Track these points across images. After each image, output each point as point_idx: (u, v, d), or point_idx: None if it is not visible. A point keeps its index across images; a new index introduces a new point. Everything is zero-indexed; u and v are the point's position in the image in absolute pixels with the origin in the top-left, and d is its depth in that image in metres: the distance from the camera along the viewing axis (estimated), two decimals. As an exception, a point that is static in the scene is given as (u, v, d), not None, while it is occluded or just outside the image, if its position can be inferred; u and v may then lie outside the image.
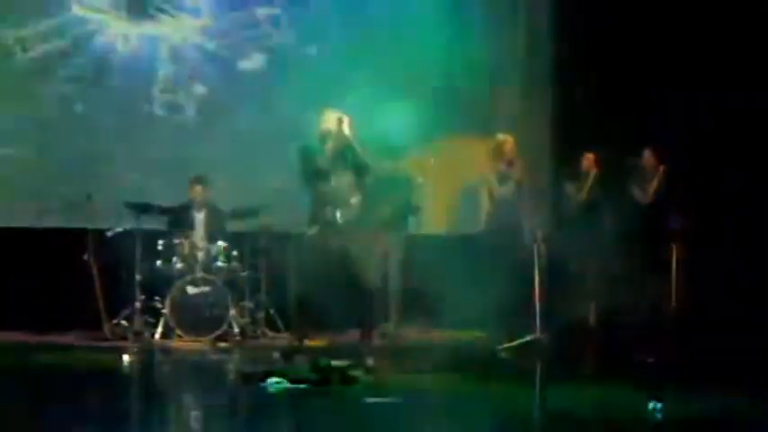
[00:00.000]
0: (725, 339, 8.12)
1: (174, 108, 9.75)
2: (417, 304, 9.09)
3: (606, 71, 9.18)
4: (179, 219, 8.98)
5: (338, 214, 7.37)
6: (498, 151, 8.74)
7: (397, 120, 9.36)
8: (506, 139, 8.76)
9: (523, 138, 9.09)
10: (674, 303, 8.48)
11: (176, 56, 9.76)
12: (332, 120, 7.42)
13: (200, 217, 9.03)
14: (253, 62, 9.80)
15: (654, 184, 8.96)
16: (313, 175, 7.35)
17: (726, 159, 9.08)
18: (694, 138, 9.00)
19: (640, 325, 8.45)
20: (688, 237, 8.69)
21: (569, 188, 9.12)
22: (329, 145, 7.39)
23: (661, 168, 8.93)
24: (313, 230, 7.41)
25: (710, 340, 8.14)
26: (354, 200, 7.39)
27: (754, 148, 9.12)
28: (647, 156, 8.90)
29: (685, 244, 8.69)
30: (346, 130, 7.39)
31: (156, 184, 9.26)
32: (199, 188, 9.00)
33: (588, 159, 9.04)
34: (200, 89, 9.76)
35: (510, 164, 8.71)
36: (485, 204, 8.91)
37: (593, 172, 9.04)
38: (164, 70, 9.73)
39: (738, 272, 8.94)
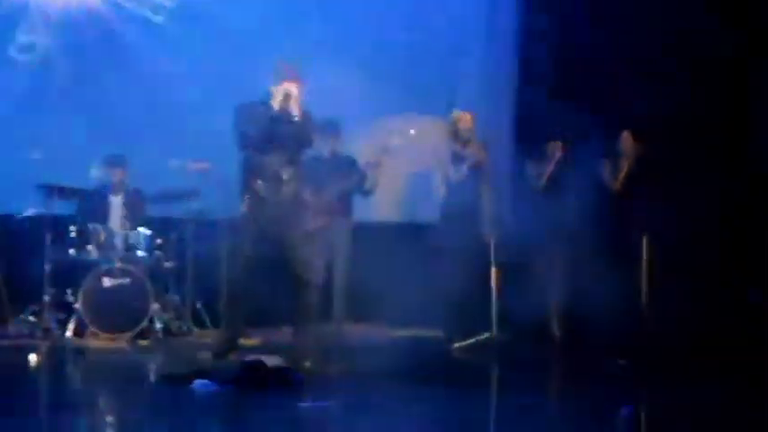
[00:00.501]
0: (699, 339, 8.07)
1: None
2: (365, 299, 8.91)
3: (575, 46, 9.04)
4: (91, 203, 8.73)
5: (269, 188, 6.98)
6: (453, 130, 8.52)
7: (345, 95, 9.22)
8: (462, 116, 8.58)
9: (484, 116, 8.93)
10: (644, 301, 8.29)
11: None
12: (279, 78, 7.04)
13: (116, 201, 8.86)
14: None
15: (625, 169, 8.79)
16: (245, 140, 6.99)
17: (701, 148, 9.03)
18: (668, 124, 8.94)
19: (606, 325, 8.29)
20: (660, 228, 8.56)
21: (531, 170, 8.90)
22: (271, 107, 7.00)
23: (633, 152, 8.77)
24: (244, 207, 7.05)
25: (683, 341, 8.09)
26: (287, 175, 7.02)
27: (730, 138, 9.08)
28: (625, 138, 8.74)
29: (656, 236, 8.54)
30: (293, 92, 7.02)
31: (64, 163, 8.86)
32: (118, 170, 8.75)
33: (553, 143, 8.87)
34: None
35: (466, 144, 8.50)
36: (440, 189, 8.67)
37: (558, 155, 8.84)
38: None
39: (714, 268, 8.87)
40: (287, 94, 7.01)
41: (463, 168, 8.50)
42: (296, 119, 7.05)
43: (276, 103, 7.01)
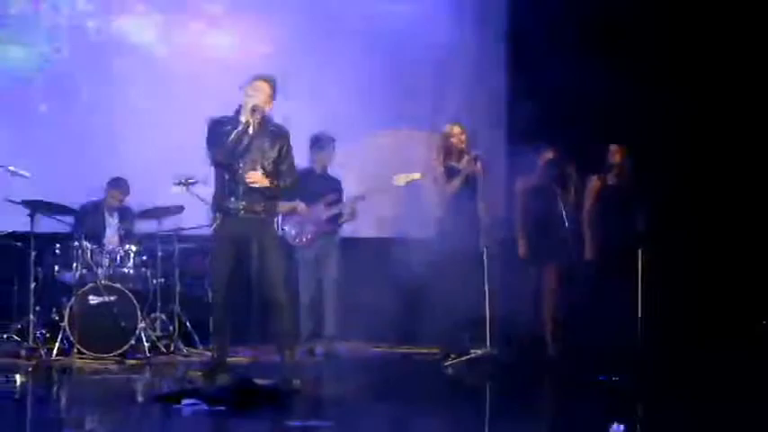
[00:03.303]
0: (695, 353, 8.17)
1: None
2: (356, 316, 8.99)
3: (566, 56, 9.14)
4: (89, 220, 8.77)
5: (240, 204, 7.06)
6: (446, 143, 8.58)
7: (331, 108, 9.33)
8: (454, 129, 8.61)
9: (476, 129, 9.01)
10: (639, 315, 8.38)
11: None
12: (249, 92, 7.12)
13: (112, 220, 8.94)
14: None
15: (612, 182, 8.89)
16: (220, 154, 7.07)
17: (694, 157, 9.13)
18: (662, 134, 9.05)
19: (602, 339, 8.40)
20: (655, 240, 8.67)
21: (523, 184, 8.99)
22: (244, 121, 7.09)
23: (622, 163, 8.86)
24: (215, 224, 7.13)
25: (680, 354, 8.19)
26: (260, 184, 7.08)
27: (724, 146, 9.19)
28: (613, 151, 8.84)
29: (652, 248, 8.64)
30: (265, 102, 7.10)
31: (49, 178, 8.96)
32: (118, 193, 8.90)
33: (545, 154, 8.94)
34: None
35: (459, 157, 8.56)
36: (432, 204, 8.74)
37: (548, 166, 8.92)
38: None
39: (710, 279, 8.99)
40: (254, 108, 7.04)
41: (457, 182, 8.56)
42: (269, 132, 7.15)
43: (245, 117, 7.06)
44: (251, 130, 7.08)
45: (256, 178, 7.03)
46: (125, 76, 9.66)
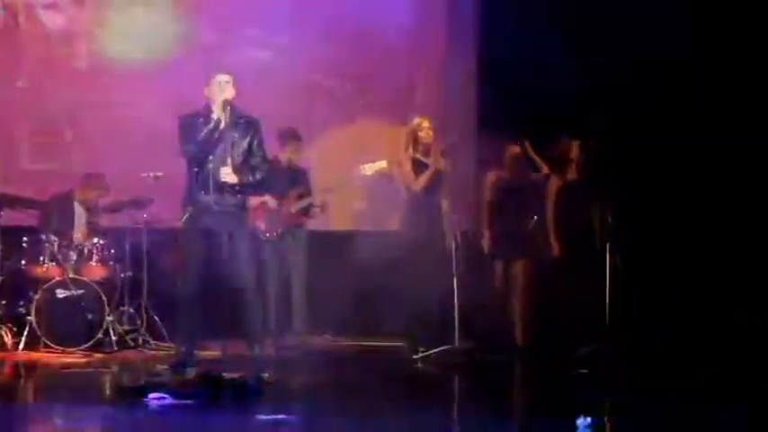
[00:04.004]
0: (665, 349, 8.25)
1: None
2: (325, 310, 9.01)
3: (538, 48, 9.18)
4: (57, 213, 8.72)
5: (211, 199, 7.07)
6: (413, 136, 8.60)
7: (302, 103, 9.35)
8: (421, 122, 8.64)
9: (445, 122, 9.04)
10: (607, 311, 8.44)
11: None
12: (219, 87, 7.13)
13: (80, 212, 8.88)
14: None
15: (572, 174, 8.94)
16: (192, 151, 7.08)
17: (664, 149, 9.18)
18: (633, 125, 9.10)
19: (571, 334, 8.46)
20: (622, 236, 8.72)
21: (492, 178, 9.03)
22: (213, 117, 7.10)
23: (580, 159, 8.89)
24: (185, 217, 7.15)
25: (650, 351, 8.25)
26: (230, 183, 7.10)
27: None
28: (565, 143, 8.88)
29: (619, 244, 8.69)
30: (229, 94, 7.12)
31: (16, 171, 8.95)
32: (94, 189, 8.87)
33: (509, 147, 8.97)
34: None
35: (426, 151, 8.58)
36: (401, 197, 8.76)
37: (517, 161, 8.97)
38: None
39: (681, 276, 9.05)
40: (226, 102, 7.09)
41: (425, 177, 8.59)
42: (239, 126, 7.16)
43: (217, 113, 7.08)
44: (222, 125, 7.11)
45: (227, 174, 7.05)
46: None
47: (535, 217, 8.70)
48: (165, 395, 6.16)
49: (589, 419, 5.63)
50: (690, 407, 6.29)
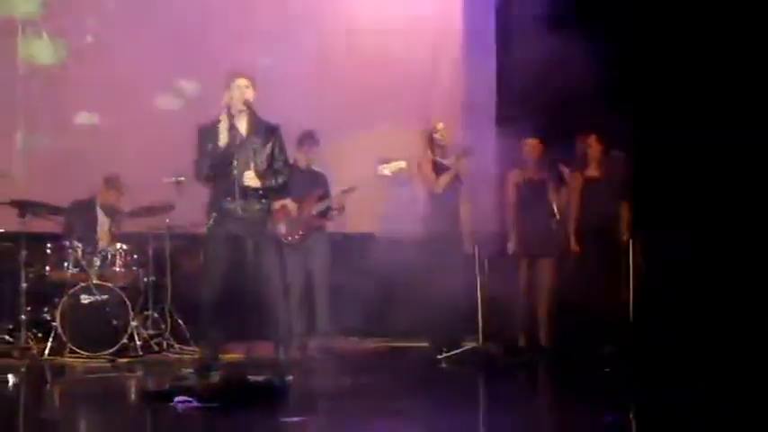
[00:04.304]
0: (690, 344, 8.22)
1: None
2: (347, 311, 9.03)
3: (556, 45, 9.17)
4: (80, 219, 8.78)
5: (236, 205, 7.09)
6: (431, 139, 8.63)
7: (323, 106, 9.36)
8: (438, 124, 8.68)
9: (463, 122, 9.05)
10: (631, 307, 8.42)
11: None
12: (238, 91, 7.15)
13: (103, 218, 8.88)
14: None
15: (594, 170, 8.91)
16: (212, 159, 7.10)
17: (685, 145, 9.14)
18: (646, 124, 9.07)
19: (594, 330, 8.46)
20: (643, 232, 8.70)
21: (512, 177, 9.03)
22: (233, 125, 7.13)
23: (601, 155, 8.86)
24: (210, 223, 7.17)
25: (673, 345, 8.23)
26: (254, 189, 7.12)
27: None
28: (591, 143, 8.86)
29: (641, 240, 8.67)
30: (248, 98, 7.13)
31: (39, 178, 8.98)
32: (115, 192, 8.91)
33: (530, 145, 8.96)
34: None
35: (444, 152, 8.61)
36: (421, 200, 8.78)
37: (538, 159, 8.96)
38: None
39: (702, 269, 9.01)
40: (246, 105, 7.11)
41: (446, 179, 8.61)
42: (260, 130, 7.18)
43: (236, 117, 7.11)
44: (243, 130, 7.14)
45: (250, 179, 7.07)
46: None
47: (557, 215, 8.67)
48: (191, 399, 6.15)
49: (615, 418, 5.65)
50: (712, 405, 6.25)
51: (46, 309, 8.53)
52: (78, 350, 8.26)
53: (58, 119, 9.57)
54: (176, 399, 6.17)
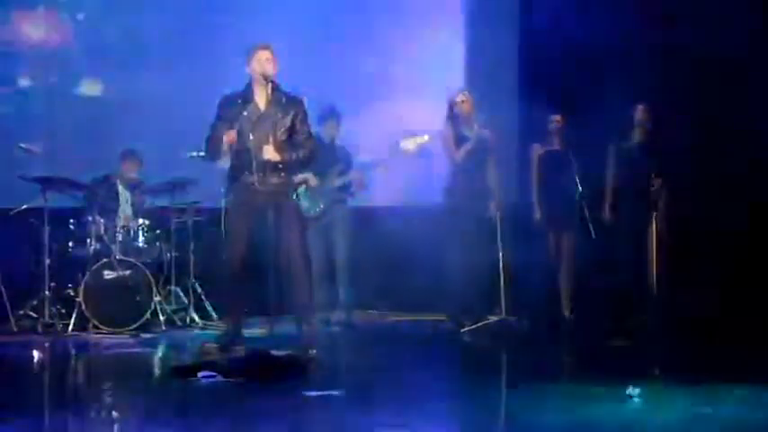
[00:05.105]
0: (711, 323, 8.19)
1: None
2: (370, 285, 9.04)
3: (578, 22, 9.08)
4: (102, 195, 8.81)
5: (254, 178, 7.07)
6: (454, 111, 8.60)
7: (346, 78, 9.33)
8: (460, 95, 8.63)
9: (488, 95, 8.99)
10: (654, 281, 8.38)
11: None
12: (259, 63, 7.11)
13: (126, 193, 8.91)
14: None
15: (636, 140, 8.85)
16: (217, 128, 7.08)
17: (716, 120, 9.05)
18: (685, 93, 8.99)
19: (617, 305, 8.44)
20: (670, 205, 8.65)
21: (537, 150, 9.02)
22: (257, 93, 7.10)
23: (646, 123, 8.78)
24: (230, 198, 7.16)
25: (696, 321, 8.20)
26: (274, 163, 7.09)
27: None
28: (640, 110, 8.76)
29: (668, 214, 8.61)
30: (269, 70, 7.09)
31: (62, 154, 8.99)
32: (132, 165, 8.91)
33: (554, 120, 8.94)
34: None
35: (467, 123, 8.58)
36: (442, 172, 8.75)
37: (560, 131, 8.92)
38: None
39: (730, 242, 8.95)
40: (265, 78, 7.06)
41: (467, 148, 8.59)
42: (281, 103, 7.14)
43: (257, 89, 7.07)
44: (262, 103, 7.11)
45: (269, 153, 7.05)
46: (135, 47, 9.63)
47: (580, 188, 8.63)
48: (215, 373, 6.19)
49: (638, 390, 5.64)
50: (732, 382, 6.21)
51: (69, 285, 8.54)
52: (102, 326, 8.29)
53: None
54: (200, 374, 6.22)
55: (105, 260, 8.45)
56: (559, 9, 9.12)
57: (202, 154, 8.25)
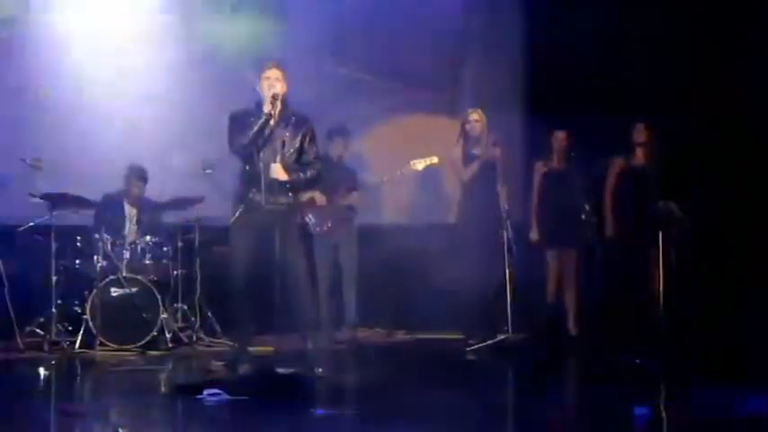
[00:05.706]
0: (715, 339, 8.17)
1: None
2: (376, 303, 9.04)
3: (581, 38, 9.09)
4: (109, 212, 8.81)
5: (262, 197, 7.06)
6: (465, 129, 8.63)
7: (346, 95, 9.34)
8: (471, 114, 8.65)
9: (494, 112, 9.01)
10: (660, 297, 8.37)
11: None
12: (268, 82, 7.12)
13: (132, 211, 8.91)
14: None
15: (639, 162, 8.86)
16: (240, 147, 7.10)
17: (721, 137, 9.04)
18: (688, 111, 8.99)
19: (623, 323, 8.43)
20: (677, 222, 8.64)
21: (539, 167, 9.03)
22: (266, 111, 7.11)
23: (648, 143, 8.80)
24: (236, 216, 7.16)
25: (702, 335, 8.18)
26: (280, 176, 7.10)
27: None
28: (639, 129, 8.79)
29: (674, 230, 8.60)
30: (279, 90, 7.10)
31: (69, 171, 8.99)
32: (140, 183, 8.93)
33: (558, 137, 8.95)
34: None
35: (476, 142, 8.60)
36: (450, 190, 8.76)
37: (564, 149, 8.93)
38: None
39: (734, 260, 8.93)
40: (275, 97, 7.06)
41: (474, 167, 8.60)
42: (291, 121, 7.16)
43: (266, 108, 7.08)
44: (272, 121, 7.12)
45: (277, 172, 7.06)
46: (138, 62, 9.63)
47: (587, 206, 8.64)
48: (221, 391, 6.17)
49: (645, 409, 5.63)
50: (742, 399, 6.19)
51: (76, 302, 8.55)
52: (108, 343, 8.29)
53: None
54: (206, 391, 6.20)
55: (112, 277, 8.46)
56: (565, 27, 9.13)
57: (209, 171, 8.27)
